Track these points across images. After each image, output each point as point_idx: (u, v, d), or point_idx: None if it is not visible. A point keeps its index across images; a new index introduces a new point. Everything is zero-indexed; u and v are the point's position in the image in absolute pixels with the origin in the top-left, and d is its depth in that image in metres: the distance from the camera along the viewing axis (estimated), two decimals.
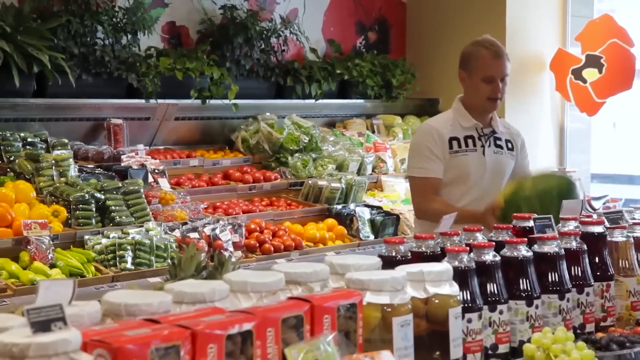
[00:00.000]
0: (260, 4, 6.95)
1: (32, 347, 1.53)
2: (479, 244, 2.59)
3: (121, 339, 1.61)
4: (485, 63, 4.06)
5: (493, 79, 4.03)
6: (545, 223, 2.82)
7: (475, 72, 4.07)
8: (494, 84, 4.03)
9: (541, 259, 2.64)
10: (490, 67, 4.04)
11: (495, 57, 4.06)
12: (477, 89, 4.07)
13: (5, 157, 5.37)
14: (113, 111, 6.00)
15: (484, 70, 4.05)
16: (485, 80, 4.05)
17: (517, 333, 2.50)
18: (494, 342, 2.41)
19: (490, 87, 4.04)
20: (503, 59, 4.08)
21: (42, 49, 5.38)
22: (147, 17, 6.04)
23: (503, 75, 4.06)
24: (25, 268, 4.55)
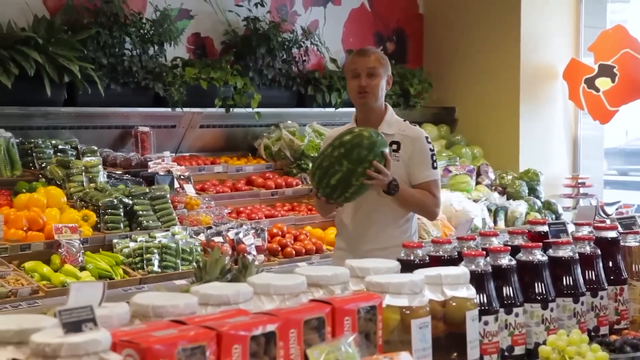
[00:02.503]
0: (282, 16, 7.05)
1: (63, 347, 1.56)
2: (495, 248, 2.59)
3: (149, 340, 1.63)
4: (351, 61, 4.11)
5: (357, 73, 4.01)
6: (559, 228, 2.83)
7: (347, 74, 4.13)
8: (359, 78, 4.01)
9: (556, 263, 2.63)
10: (354, 63, 4.06)
11: (360, 54, 4.09)
12: (349, 87, 4.11)
13: (37, 164, 5.43)
14: (140, 119, 6.07)
15: (349, 66, 4.10)
16: (352, 77, 4.05)
17: (532, 335, 2.49)
18: (510, 344, 2.42)
19: (356, 81, 4.02)
20: (368, 56, 4.05)
21: (72, 60, 5.46)
22: (173, 29, 6.13)
23: (367, 69, 4.00)
24: (57, 270, 4.61)
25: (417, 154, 4.08)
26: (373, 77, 4.01)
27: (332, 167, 3.73)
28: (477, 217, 6.47)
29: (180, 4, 6.52)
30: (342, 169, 3.71)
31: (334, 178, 3.73)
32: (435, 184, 4.11)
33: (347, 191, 3.76)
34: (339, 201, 3.84)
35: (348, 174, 3.71)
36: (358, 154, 3.70)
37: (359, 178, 3.73)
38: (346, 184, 3.74)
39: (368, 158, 3.71)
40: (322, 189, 3.78)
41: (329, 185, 3.75)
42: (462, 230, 6.14)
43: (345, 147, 3.71)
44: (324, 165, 3.77)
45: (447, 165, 7.36)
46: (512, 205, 6.97)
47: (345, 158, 3.70)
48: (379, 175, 3.75)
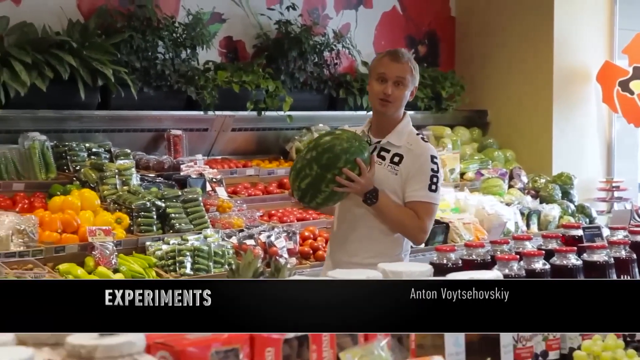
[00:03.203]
0: (314, 19, 7.06)
1: (99, 349, 1.60)
2: (529, 252, 2.61)
3: (183, 342, 1.67)
4: (380, 63, 3.78)
5: (384, 77, 3.71)
6: (594, 232, 2.84)
7: (372, 73, 3.82)
8: (384, 84, 3.71)
9: (591, 268, 2.64)
10: (384, 66, 3.74)
11: (392, 59, 3.75)
12: (371, 89, 3.78)
13: (72, 167, 5.48)
14: (173, 122, 6.11)
15: (378, 68, 3.77)
16: (377, 79, 3.74)
17: (567, 340, 2.47)
18: (544, 349, 2.40)
19: (381, 86, 3.71)
20: (401, 63, 3.73)
21: (106, 64, 5.51)
22: (206, 33, 6.16)
23: (396, 77, 3.70)
24: (90, 273, 4.63)
25: (417, 172, 3.73)
26: (400, 86, 3.71)
27: (303, 170, 3.56)
28: (509, 221, 6.43)
29: (213, 8, 6.55)
30: (311, 174, 3.53)
31: (304, 182, 3.56)
32: (425, 207, 3.71)
33: (317, 197, 3.57)
34: (311, 206, 3.67)
35: (317, 179, 3.53)
36: (328, 159, 3.51)
37: (329, 185, 3.53)
38: (316, 190, 3.55)
39: (338, 164, 3.50)
40: (295, 191, 3.62)
41: (300, 188, 3.58)
42: (494, 233, 6.11)
43: (317, 150, 3.54)
44: (297, 166, 3.61)
45: (479, 168, 7.34)
46: (545, 209, 6.92)
47: (315, 162, 3.53)
48: (350, 184, 3.52)
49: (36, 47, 5.39)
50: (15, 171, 5.27)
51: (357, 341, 1.90)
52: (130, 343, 1.63)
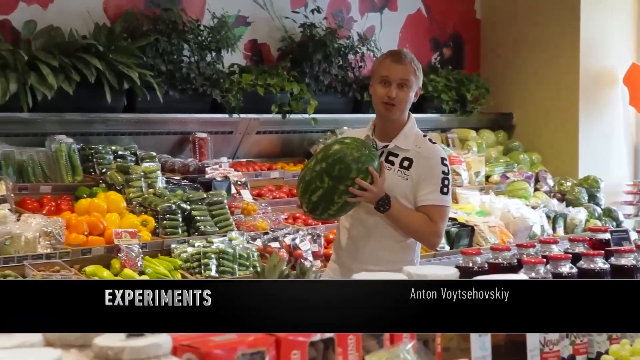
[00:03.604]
0: (339, 22, 7.07)
1: (126, 351, 1.62)
2: (556, 255, 2.60)
3: (209, 344, 1.68)
4: (383, 66, 3.69)
5: (388, 80, 3.63)
6: (622, 236, 2.82)
7: (375, 76, 3.73)
8: (388, 87, 3.63)
9: (618, 272, 2.62)
10: (387, 68, 3.65)
11: (395, 60, 3.67)
12: (375, 92, 3.71)
13: (98, 169, 5.52)
14: (198, 125, 6.14)
15: (381, 71, 3.68)
16: (380, 82, 3.66)
17: (594, 345, 2.47)
18: (572, 353, 2.40)
19: (385, 89, 3.63)
20: (404, 65, 3.65)
21: (132, 67, 5.55)
22: (231, 36, 6.19)
23: (400, 79, 3.63)
24: (116, 275, 4.65)
25: (428, 175, 3.65)
26: (404, 88, 3.63)
27: (313, 183, 3.46)
28: (535, 224, 6.40)
29: (238, 11, 6.58)
30: (323, 186, 3.43)
31: (315, 195, 3.45)
32: (439, 210, 3.64)
33: (330, 208, 3.49)
34: (322, 218, 3.60)
35: (330, 191, 3.43)
36: (339, 170, 3.42)
37: (342, 196, 3.44)
38: (328, 201, 3.46)
39: (350, 175, 3.42)
40: (305, 204, 3.52)
41: (310, 201, 3.48)
42: (521, 237, 6.09)
43: (327, 161, 3.44)
44: (306, 179, 3.50)
45: (504, 171, 7.31)
46: (572, 212, 6.88)
47: (326, 174, 3.43)
48: (364, 193, 3.45)
49: (63, 50, 5.43)
50: (42, 174, 5.31)
51: (383, 344, 1.89)
52: (157, 345, 1.64)
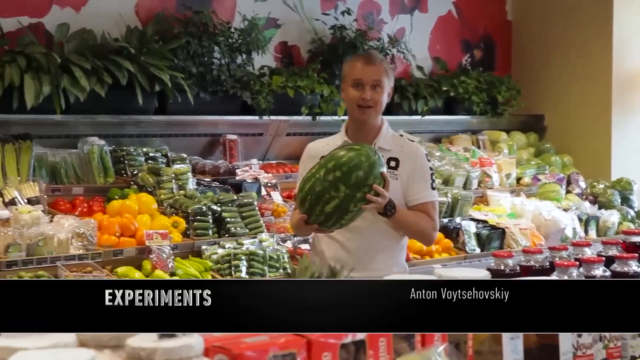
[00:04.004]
0: (369, 24, 7.06)
1: (158, 352, 1.63)
2: (589, 258, 2.59)
3: (241, 346, 1.68)
4: (355, 69, 3.65)
5: (361, 82, 3.60)
6: None
7: (346, 80, 3.68)
8: (362, 89, 3.60)
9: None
10: (359, 71, 3.62)
11: (366, 62, 3.64)
12: (348, 96, 3.66)
13: (129, 171, 5.54)
14: (228, 127, 6.16)
15: (353, 74, 3.65)
16: (353, 86, 3.63)
17: (628, 348, 2.45)
18: (605, 357, 2.37)
19: (358, 92, 3.61)
20: (376, 66, 3.63)
21: (163, 69, 5.57)
22: (261, 38, 6.19)
23: (373, 80, 3.60)
24: (148, 276, 4.67)
25: (417, 173, 3.67)
26: (378, 89, 3.61)
27: (327, 193, 3.30)
28: (567, 227, 6.36)
29: (268, 13, 6.59)
30: (338, 195, 3.29)
31: (330, 205, 3.31)
32: (433, 206, 3.69)
33: (343, 218, 3.36)
34: (333, 229, 3.45)
35: (346, 200, 3.30)
36: (357, 177, 3.29)
37: (358, 204, 3.33)
38: (343, 211, 3.33)
39: (368, 182, 3.31)
40: (315, 216, 3.36)
41: (323, 212, 3.33)
42: (553, 240, 6.05)
43: (342, 169, 3.29)
44: (316, 190, 3.33)
45: (536, 173, 7.26)
46: (604, 215, 6.82)
47: (342, 182, 3.29)
48: (378, 199, 3.36)
49: (95, 53, 5.47)
50: (75, 175, 5.35)
51: (414, 347, 1.89)
52: (189, 346, 1.65)
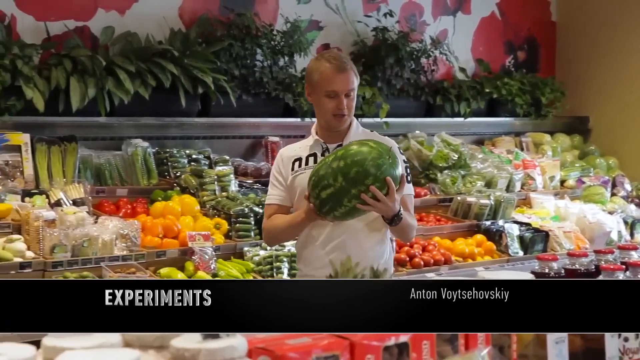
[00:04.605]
0: (411, 26, 7.05)
1: (202, 353, 1.65)
2: (636, 262, 2.56)
3: (284, 347, 1.69)
4: (326, 78, 3.54)
5: (335, 93, 3.52)
6: None
7: (318, 88, 3.57)
8: (337, 99, 3.52)
9: None
10: (332, 82, 3.52)
11: (339, 70, 3.53)
12: (321, 105, 3.57)
13: (172, 173, 5.59)
14: (270, 129, 6.18)
15: (326, 85, 3.53)
16: (327, 96, 3.54)
17: None
18: None
19: (334, 102, 3.52)
20: (348, 73, 3.54)
21: (206, 72, 5.61)
22: (303, 40, 6.22)
23: (347, 90, 3.52)
24: (190, 277, 4.67)
25: None
26: (351, 96, 3.56)
27: (326, 179, 3.24)
28: (612, 230, 6.28)
29: (310, 15, 6.61)
30: (334, 185, 3.21)
31: (325, 192, 3.24)
32: (410, 199, 3.60)
33: (336, 209, 3.26)
34: (327, 218, 3.34)
35: (340, 192, 3.21)
36: (356, 173, 3.18)
37: (352, 200, 3.21)
38: (336, 202, 3.24)
39: (365, 181, 3.18)
40: (313, 198, 3.31)
41: (319, 197, 3.27)
42: (597, 243, 5.99)
43: (346, 161, 3.21)
44: (320, 173, 3.28)
45: (580, 176, 7.20)
46: None
47: (341, 174, 3.20)
48: (376, 203, 3.21)
49: (139, 56, 5.53)
50: (119, 177, 5.40)
51: (458, 350, 1.89)
52: (232, 347, 1.66)
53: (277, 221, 3.60)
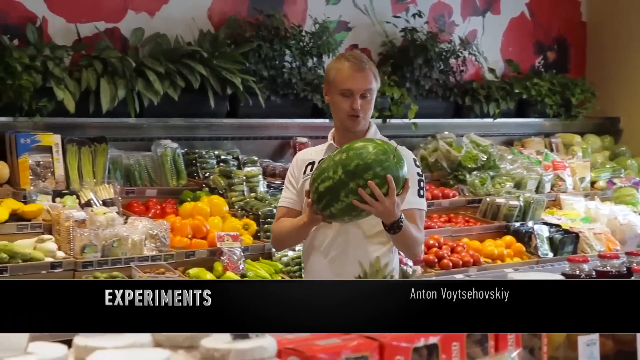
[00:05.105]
0: (440, 27, 7.04)
1: (232, 353, 1.65)
2: None
3: (314, 348, 1.69)
4: (343, 76, 3.45)
5: (350, 93, 3.42)
6: None
7: (333, 86, 3.48)
8: (352, 98, 3.42)
9: None
10: (348, 80, 3.42)
11: (356, 69, 3.42)
12: (337, 105, 3.47)
13: (201, 174, 5.60)
14: (299, 130, 6.18)
15: (341, 84, 3.44)
16: (342, 95, 3.44)
17: None
18: None
19: (348, 101, 3.42)
20: (365, 72, 3.43)
21: (235, 73, 5.62)
22: (332, 41, 6.22)
23: (363, 90, 3.41)
24: (219, 277, 4.69)
25: None
26: (368, 97, 3.44)
27: (327, 171, 3.11)
28: None
29: (339, 16, 6.61)
30: (334, 177, 3.08)
31: (323, 184, 3.11)
32: (420, 214, 3.43)
33: (333, 205, 3.11)
34: (323, 214, 3.18)
35: (338, 184, 3.07)
36: (356, 166, 3.05)
37: (349, 195, 3.06)
38: (333, 196, 3.09)
39: (365, 176, 3.03)
40: (312, 192, 3.18)
41: (317, 190, 3.14)
42: (629, 245, 5.95)
43: (348, 153, 3.09)
44: (322, 165, 3.17)
45: (611, 177, 7.14)
46: None
47: (342, 166, 3.07)
48: (374, 202, 3.04)
49: (169, 57, 5.56)
50: (148, 178, 5.43)
51: (487, 352, 1.89)
52: (262, 348, 1.67)
53: (283, 224, 3.51)
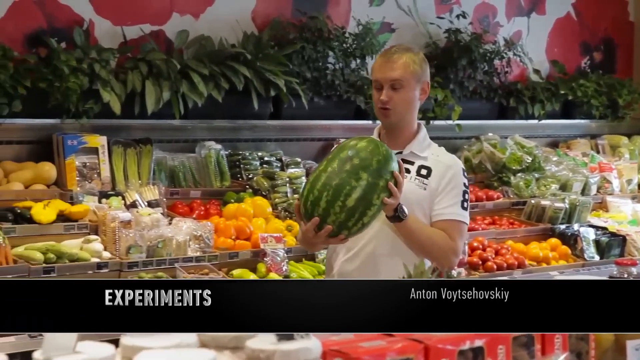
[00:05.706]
0: (484, 27, 6.98)
1: (277, 354, 1.66)
2: None
3: (358, 350, 1.70)
4: (374, 68, 3.35)
5: (379, 84, 3.28)
6: None
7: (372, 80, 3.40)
8: (380, 90, 3.27)
9: None
10: (377, 70, 3.31)
11: (384, 60, 3.29)
12: (373, 98, 3.38)
13: (245, 175, 5.63)
14: (342, 132, 6.15)
15: (373, 74, 3.36)
16: (375, 87, 3.32)
17: None
18: None
19: (377, 94, 3.29)
20: (393, 63, 3.27)
21: (278, 74, 5.64)
22: (375, 42, 6.19)
23: (391, 80, 3.26)
24: (262, 278, 4.68)
25: (448, 186, 3.28)
26: (399, 90, 3.27)
27: (347, 184, 2.88)
28: None
29: (382, 18, 6.59)
30: (360, 184, 2.89)
31: (351, 198, 2.88)
32: (458, 226, 3.25)
33: (366, 214, 2.91)
34: (353, 230, 2.94)
35: (369, 189, 2.90)
36: (378, 162, 2.93)
37: (380, 194, 2.93)
38: (366, 204, 2.90)
39: (389, 168, 2.95)
40: (335, 215, 2.89)
41: (344, 208, 2.88)
42: None
43: (360, 156, 2.93)
44: (333, 184, 2.90)
45: None
46: None
47: (363, 169, 2.91)
48: (397, 192, 2.97)
49: (213, 59, 5.59)
50: (192, 179, 5.47)
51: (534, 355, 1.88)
52: (307, 349, 1.68)
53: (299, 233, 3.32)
